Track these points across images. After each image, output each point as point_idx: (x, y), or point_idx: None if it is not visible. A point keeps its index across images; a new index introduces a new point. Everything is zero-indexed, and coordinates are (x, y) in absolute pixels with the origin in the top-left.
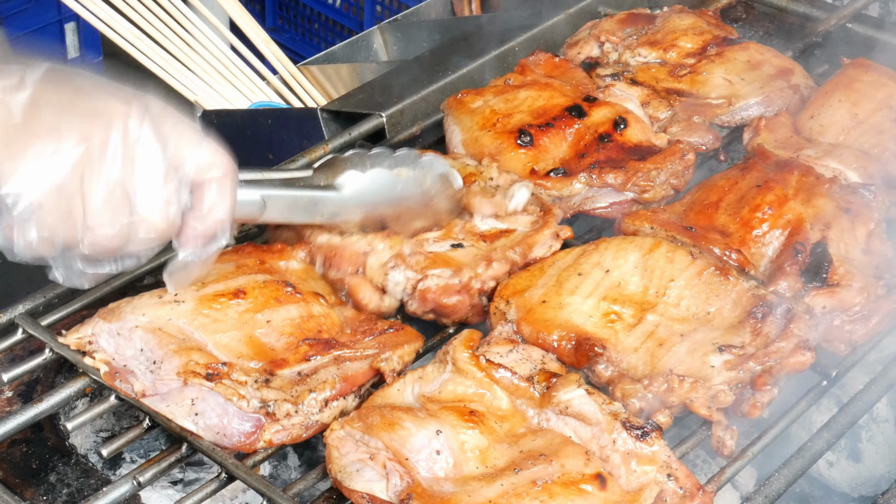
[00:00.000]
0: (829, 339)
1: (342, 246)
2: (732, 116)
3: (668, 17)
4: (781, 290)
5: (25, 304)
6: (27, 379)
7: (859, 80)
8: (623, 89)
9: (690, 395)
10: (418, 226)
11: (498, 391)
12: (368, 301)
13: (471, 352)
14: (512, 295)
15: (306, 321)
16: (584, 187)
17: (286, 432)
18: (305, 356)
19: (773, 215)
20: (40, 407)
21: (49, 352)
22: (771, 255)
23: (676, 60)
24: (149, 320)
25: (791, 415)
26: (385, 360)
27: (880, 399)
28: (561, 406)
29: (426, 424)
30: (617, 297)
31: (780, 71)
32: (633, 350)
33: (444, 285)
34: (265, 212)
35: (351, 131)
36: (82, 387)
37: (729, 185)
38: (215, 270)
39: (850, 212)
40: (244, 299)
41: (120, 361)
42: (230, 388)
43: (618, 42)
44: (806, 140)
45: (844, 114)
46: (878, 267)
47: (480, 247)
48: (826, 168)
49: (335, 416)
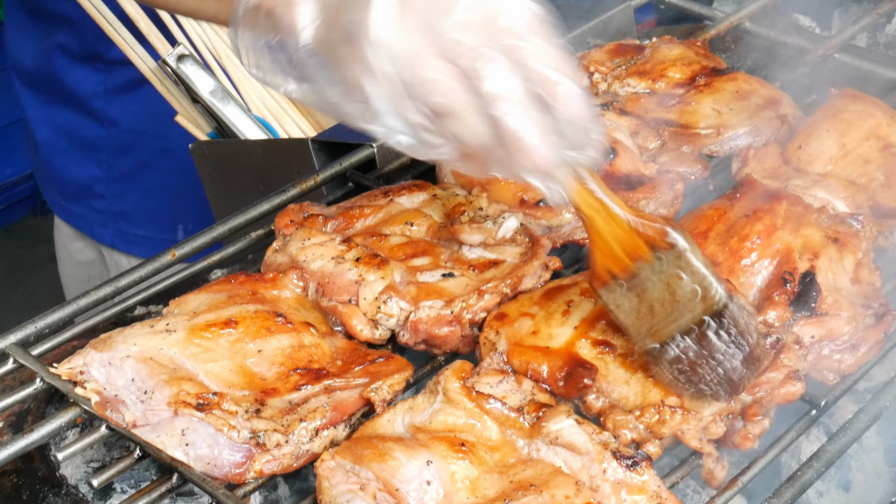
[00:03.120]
0: (818, 369)
1: (335, 274)
2: (721, 146)
3: (656, 47)
4: (770, 319)
5: (16, 334)
6: (18, 409)
7: (847, 110)
8: (612, 119)
9: (682, 426)
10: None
11: (488, 422)
12: (361, 331)
13: (462, 382)
14: (501, 325)
15: (297, 351)
16: (573, 217)
17: (276, 462)
18: (296, 385)
19: (761, 245)
20: (31, 437)
21: (40, 382)
22: (760, 285)
23: (665, 90)
24: (140, 350)
25: (780, 444)
26: (375, 389)
27: (869, 428)
28: (551, 436)
29: (416, 455)
30: (607, 328)
31: (769, 101)
32: (624, 381)
33: (435, 316)
34: None
35: (342, 161)
36: (73, 417)
37: (718, 215)
38: (207, 300)
39: (839, 241)
40: (235, 329)
41: (111, 391)
42: (220, 418)
43: (607, 72)
44: (794, 170)
45: (832, 144)
46: (866, 296)
47: (470, 276)
48: (814, 198)
49: (325, 445)
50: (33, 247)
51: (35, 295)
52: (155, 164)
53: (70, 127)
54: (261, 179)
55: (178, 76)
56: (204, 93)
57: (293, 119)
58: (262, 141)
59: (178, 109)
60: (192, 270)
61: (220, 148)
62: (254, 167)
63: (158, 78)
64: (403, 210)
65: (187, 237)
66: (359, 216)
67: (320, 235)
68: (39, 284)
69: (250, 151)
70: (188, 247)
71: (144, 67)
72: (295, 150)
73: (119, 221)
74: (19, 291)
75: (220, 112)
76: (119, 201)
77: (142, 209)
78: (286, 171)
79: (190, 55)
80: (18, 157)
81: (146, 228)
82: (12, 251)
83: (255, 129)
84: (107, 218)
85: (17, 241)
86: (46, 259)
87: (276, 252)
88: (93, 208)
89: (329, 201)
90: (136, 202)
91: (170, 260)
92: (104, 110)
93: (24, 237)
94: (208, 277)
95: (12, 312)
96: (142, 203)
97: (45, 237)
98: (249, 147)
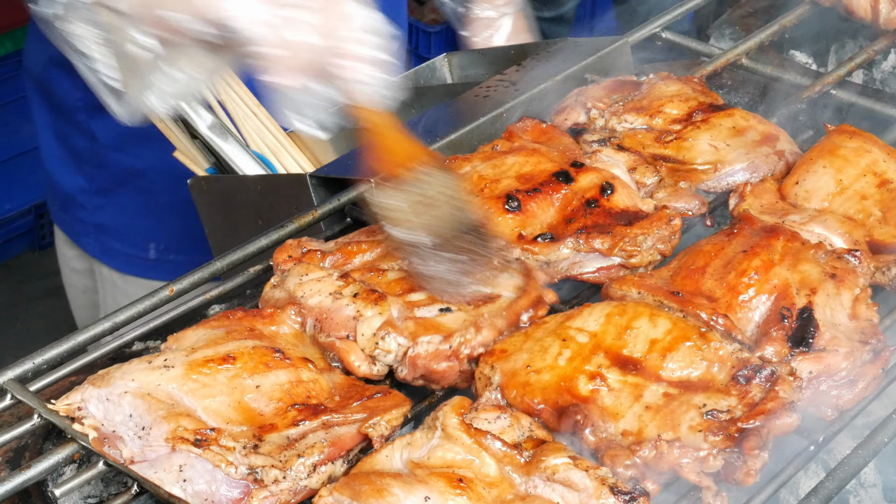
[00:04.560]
0: (816, 404)
1: (333, 309)
2: (718, 182)
3: (653, 83)
4: (768, 354)
5: (14, 370)
6: (15, 445)
7: (843, 146)
8: (610, 155)
9: (680, 460)
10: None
11: (486, 458)
12: (358, 367)
13: (460, 418)
14: (497, 360)
15: (295, 386)
16: (571, 252)
17: (274, 498)
18: (294, 421)
19: (759, 280)
20: (28, 474)
21: (38, 418)
22: (757, 321)
23: (662, 126)
24: (138, 385)
25: (779, 480)
26: (373, 425)
27: (868, 464)
28: (548, 472)
29: (414, 491)
30: (602, 362)
31: (765, 137)
32: (620, 415)
33: (434, 351)
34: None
35: (340, 197)
36: (71, 453)
37: (715, 251)
38: (205, 336)
39: (836, 277)
40: (233, 364)
41: (109, 427)
42: (218, 454)
43: (604, 108)
44: (791, 206)
45: (829, 179)
46: (863, 332)
47: (468, 310)
48: (811, 234)
49: (323, 481)
50: (31, 282)
51: (32, 330)
52: (131, 181)
53: (64, 135)
54: (259, 215)
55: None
56: (202, 128)
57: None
58: (261, 176)
59: (177, 145)
60: (191, 306)
61: (218, 183)
62: (252, 203)
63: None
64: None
65: (158, 256)
66: (357, 251)
67: (318, 271)
68: (37, 320)
69: (248, 187)
70: (186, 282)
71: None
72: (293, 186)
73: (99, 234)
74: (16, 327)
75: (219, 148)
76: (99, 213)
77: (118, 224)
78: (284, 206)
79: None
80: (17, 192)
81: (121, 243)
82: (10, 286)
83: (253, 164)
84: (89, 229)
85: (14, 276)
86: (44, 294)
87: (274, 287)
88: (77, 218)
89: (327, 237)
90: (113, 216)
91: (168, 295)
92: (86, 124)
93: (22, 272)
94: (206, 313)
95: (10, 348)
96: (118, 218)
97: (43, 272)
98: (248, 182)
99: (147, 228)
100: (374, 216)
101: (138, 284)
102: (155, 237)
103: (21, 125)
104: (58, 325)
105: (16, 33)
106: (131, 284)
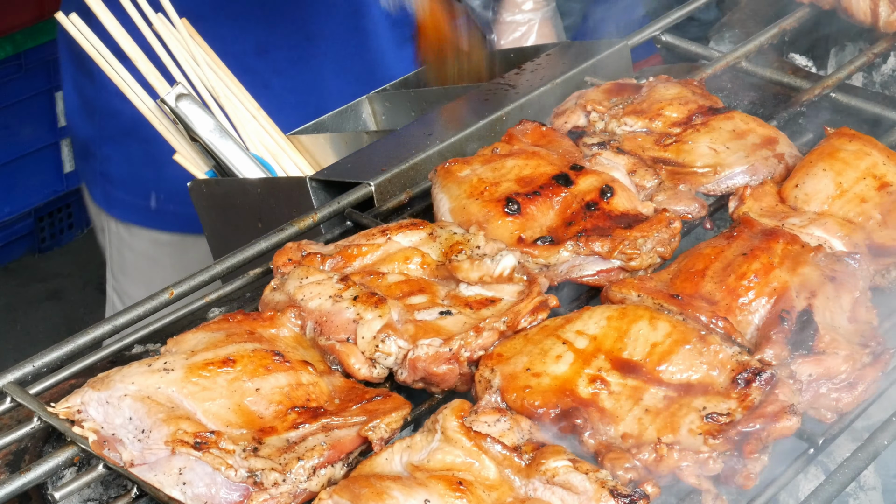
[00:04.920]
0: (816, 407)
1: (333, 312)
2: (718, 185)
3: (653, 86)
4: (768, 357)
5: (14, 373)
6: (15, 448)
7: (843, 149)
8: (609, 158)
9: (679, 463)
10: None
11: (486, 461)
12: (358, 370)
13: (460, 421)
14: (497, 363)
15: (295, 389)
16: (571, 255)
17: (274, 501)
18: (294, 424)
19: (759, 283)
20: (28, 476)
21: (37, 421)
22: (757, 323)
23: (662, 129)
24: (138, 388)
25: (779, 483)
26: (373, 428)
27: (867, 467)
28: (548, 475)
29: (414, 494)
30: (602, 365)
31: (765, 140)
32: (620, 418)
33: (434, 354)
34: None
35: (339, 200)
36: (70, 456)
37: (715, 254)
38: (205, 339)
39: (836, 280)
40: (233, 367)
41: (108, 430)
42: (218, 457)
43: (604, 111)
44: (791, 208)
45: (829, 182)
46: (863, 335)
47: (468, 314)
48: (811, 236)
49: (323, 484)
50: (31, 285)
51: (32, 333)
52: (136, 130)
53: (80, 84)
54: (259, 218)
55: (176, 115)
56: (202, 132)
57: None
58: (261, 180)
59: (177, 148)
60: (190, 309)
61: (218, 187)
62: (252, 206)
63: (157, 117)
64: (401, 248)
65: (159, 206)
66: (357, 255)
67: (318, 274)
68: (37, 323)
69: (249, 190)
70: (186, 285)
71: (143, 107)
72: (293, 189)
73: (105, 182)
74: (17, 330)
75: (219, 151)
76: (106, 163)
77: (123, 173)
78: (284, 209)
79: (188, 94)
80: (17, 194)
81: (125, 192)
82: (10, 289)
83: (253, 167)
84: (97, 178)
85: (15, 279)
86: (44, 297)
87: (274, 290)
88: (90, 168)
89: (327, 240)
90: (118, 165)
91: (168, 298)
92: (98, 73)
93: (22, 275)
94: (206, 316)
95: (10, 351)
96: (123, 167)
97: (43, 276)
98: (248, 186)
99: (149, 178)
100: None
101: (141, 236)
102: (156, 187)
103: (21, 129)
104: (57, 328)
105: (15, 37)
106: (135, 236)
